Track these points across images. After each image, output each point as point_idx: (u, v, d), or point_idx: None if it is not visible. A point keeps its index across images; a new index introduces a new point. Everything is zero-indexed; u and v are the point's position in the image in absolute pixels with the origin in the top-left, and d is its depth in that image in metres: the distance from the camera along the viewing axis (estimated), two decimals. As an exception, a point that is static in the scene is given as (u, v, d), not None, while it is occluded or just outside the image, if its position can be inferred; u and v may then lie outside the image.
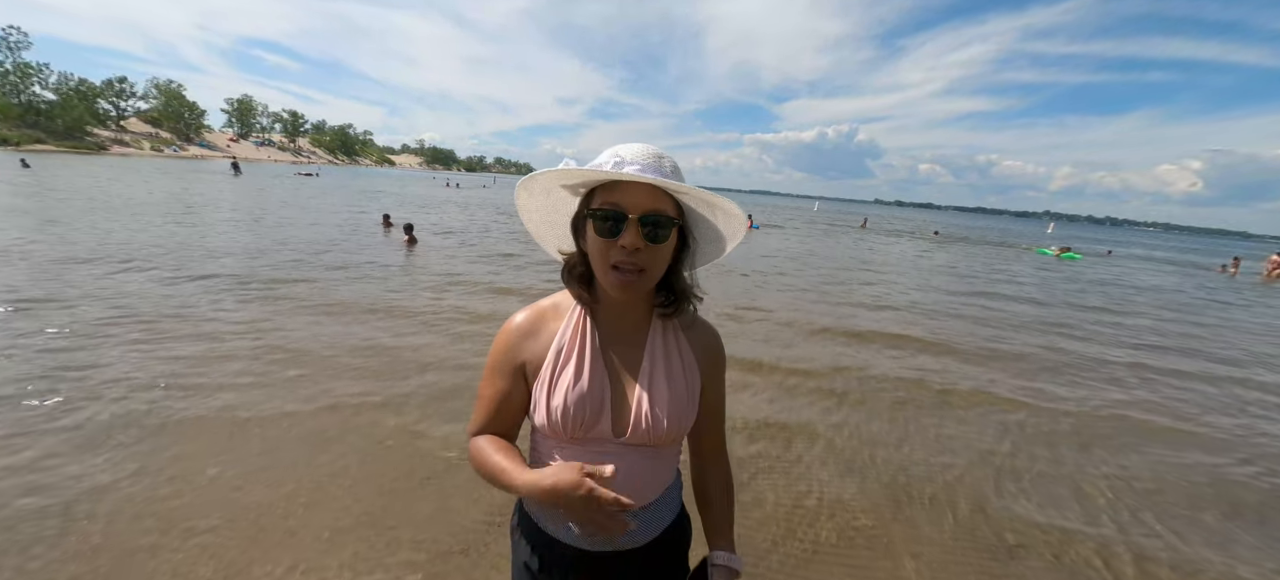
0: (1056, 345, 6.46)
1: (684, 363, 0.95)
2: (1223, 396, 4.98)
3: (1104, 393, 4.82)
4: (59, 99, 68.05)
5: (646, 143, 0.85)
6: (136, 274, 6.31)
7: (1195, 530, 2.80)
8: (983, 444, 3.59)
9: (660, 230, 0.81)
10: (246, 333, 4.57)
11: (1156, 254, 32.74)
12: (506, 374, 0.93)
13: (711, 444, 1.05)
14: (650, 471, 0.93)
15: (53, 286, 5.47)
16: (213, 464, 2.68)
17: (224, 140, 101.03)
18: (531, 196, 0.93)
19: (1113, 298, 11.08)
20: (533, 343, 0.92)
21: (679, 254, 0.90)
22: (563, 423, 0.87)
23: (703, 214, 0.89)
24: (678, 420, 0.91)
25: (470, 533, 2.36)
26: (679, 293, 0.93)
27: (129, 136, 75.63)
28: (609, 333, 0.93)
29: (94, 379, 3.49)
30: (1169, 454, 3.67)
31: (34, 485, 2.41)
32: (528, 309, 0.95)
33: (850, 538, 2.53)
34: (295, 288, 6.28)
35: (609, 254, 0.82)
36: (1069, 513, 2.87)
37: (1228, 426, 4.24)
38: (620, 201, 0.80)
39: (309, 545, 2.21)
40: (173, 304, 5.22)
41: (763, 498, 2.78)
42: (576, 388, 0.88)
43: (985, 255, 19.74)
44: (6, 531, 2.13)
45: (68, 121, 65.28)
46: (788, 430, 3.56)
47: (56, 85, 69.46)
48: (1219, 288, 14.96)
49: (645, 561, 0.95)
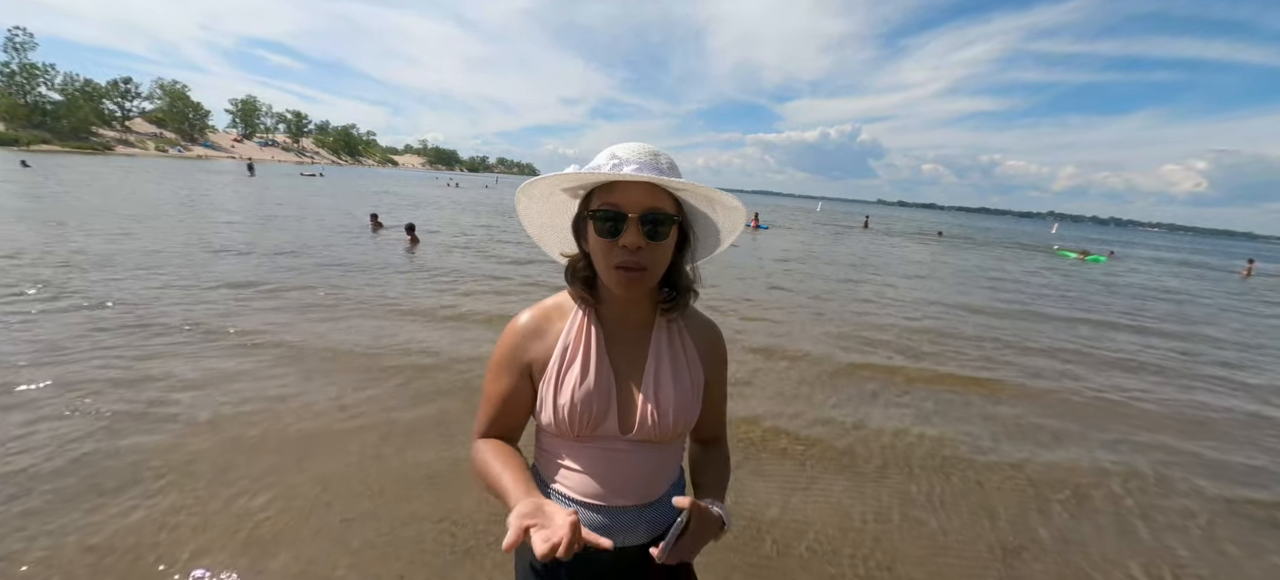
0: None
1: (687, 358, 0.96)
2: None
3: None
4: (65, 99, 68.54)
5: (643, 142, 0.86)
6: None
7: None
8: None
9: (660, 228, 0.82)
10: (255, 332, 4.60)
11: (1168, 255, 31.93)
12: (512, 373, 0.93)
13: (712, 434, 1.07)
14: (655, 467, 0.94)
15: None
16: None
17: (228, 141, 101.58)
18: (532, 201, 0.94)
19: (1224, 323, 9.12)
20: (538, 342, 0.93)
21: (680, 249, 0.91)
22: (569, 421, 0.88)
23: (701, 209, 0.90)
24: (683, 415, 0.92)
25: (476, 534, 2.36)
26: (681, 288, 0.94)
27: (134, 137, 76.11)
28: (613, 331, 0.94)
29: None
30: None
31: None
32: (532, 309, 0.96)
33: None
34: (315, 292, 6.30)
35: (611, 254, 0.83)
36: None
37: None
38: (619, 201, 0.81)
39: (312, 543, 2.21)
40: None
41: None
42: (582, 386, 0.88)
43: (1004, 259, 18.69)
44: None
45: (73, 122, 65.76)
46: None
47: (62, 86, 69.98)
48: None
49: (647, 560, 0.94)
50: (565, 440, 0.93)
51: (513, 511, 0.74)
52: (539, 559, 0.66)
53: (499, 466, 0.87)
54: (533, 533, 0.69)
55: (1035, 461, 3.39)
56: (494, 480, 0.86)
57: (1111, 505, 2.98)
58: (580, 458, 0.92)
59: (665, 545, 0.76)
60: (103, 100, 77.26)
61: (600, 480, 0.91)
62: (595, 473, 0.91)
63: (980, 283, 11.94)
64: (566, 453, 0.93)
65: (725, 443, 1.09)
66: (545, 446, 0.97)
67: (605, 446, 0.91)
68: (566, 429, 0.89)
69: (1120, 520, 2.85)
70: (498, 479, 0.85)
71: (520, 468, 0.88)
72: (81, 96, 71.23)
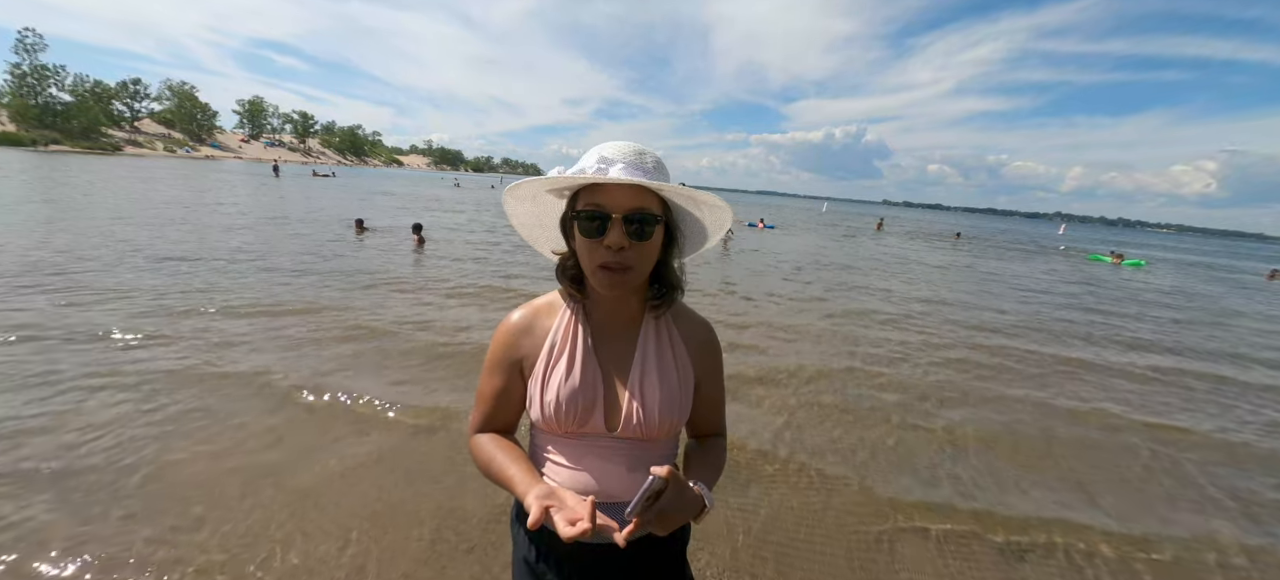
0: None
1: (676, 356, 0.97)
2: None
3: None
4: (75, 100, 69.10)
5: (631, 140, 0.86)
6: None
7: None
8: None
9: (645, 228, 0.83)
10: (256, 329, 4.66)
11: (1188, 257, 30.28)
12: (504, 371, 0.96)
13: (710, 431, 1.07)
14: (645, 465, 0.94)
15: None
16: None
17: (235, 141, 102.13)
18: (519, 203, 0.96)
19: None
20: (528, 339, 0.95)
21: (666, 247, 0.91)
22: (556, 417, 0.91)
23: (687, 207, 0.91)
24: (670, 414, 0.93)
25: (477, 531, 2.40)
26: (669, 285, 0.95)
27: (142, 137, 76.66)
28: (601, 329, 0.96)
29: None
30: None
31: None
32: (524, 307, 0.99)
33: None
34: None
35: (595, 253, 0.84)
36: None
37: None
38: (603, 202, 0.82)
39: (317, 541, 2.25)
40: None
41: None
42: (568, 383, 0.90)
43: (1033, 264, 17.25)
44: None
45: (83, 122, 66.27)
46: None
47: (72, 86, 70.58)
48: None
49: (642, 554, 0.96)
50: (555, 436, 0.95)
51: (530, 494, 0.79)
52: (565, 540, 0.71)
53: (504, 457, 0.91)
54: (553, 512, 0.75)
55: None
56: (499, 469, 0.90)
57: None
58: (570, 454, 0.94)
59: (634, 503, 0.74)
60: (112, 101, 77.81)
61: (589, 476, 0.92)
62: (584, 469, 0.93)
63: (1064, 302, 10.06)
64: (556, 449, 0.95)
65: (723, 440, 1.08)
66: (537, 442, 0.99)
67: (593, 443, 0.93)
68: (554, 425, 0.92)
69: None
70: (503, 468, 0.89)
71: (524, 457, 0.92)
72: (91, 97, 71.73)
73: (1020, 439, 3.75)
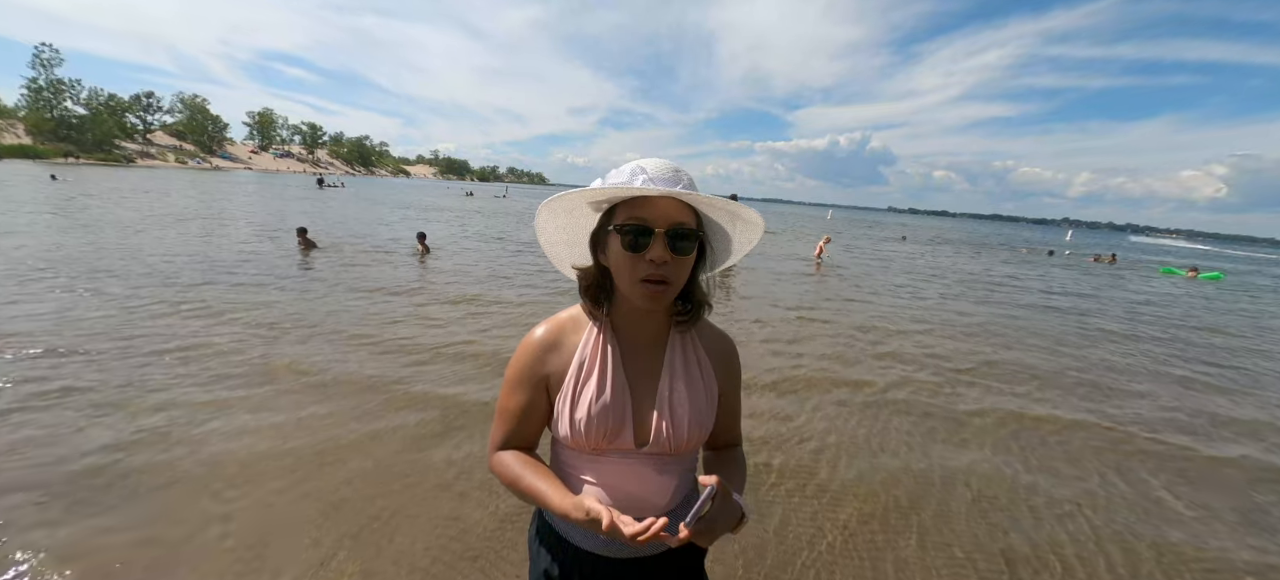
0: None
1: (702, 370, 0.96)
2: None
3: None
4: (89, 113, 70.40)
5: (662, 157, 0.88)
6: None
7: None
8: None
9: (685, 243, 0.84)
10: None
11: (1220, 264, 27.56)
12: (529, 387, 0.94)
13: (728, 441, 1.07)
14: (669, 479, 0.94)
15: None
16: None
17: (245, 152, 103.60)
18: (554, 216, 0.95)
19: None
20: (555, 356, 0.94)
21: (696, 262, 0.92)
22: (586, 434, 0.89)
23: (721, 223, 0.93)
24: (698, 428, 0.93)
25: (483, 540, 2.36)
26: (696, 301, 0.95)
27: (155, 149, 77.94)
28: (628, 345, 0.95)
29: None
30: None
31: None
32: (547, 323, 0.97)
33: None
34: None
35: (637, 267, 0.83)
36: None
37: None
38: (646, 216, 0.82)
39: (320, 548, 2.23)
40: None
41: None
42: (599, 400, 0.89)
43: (1103, 278, 15.21)
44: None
45: (98, 135, 67.48)
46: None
47: (87, 100, 71.93)
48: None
49: (663, 568, 0.96)
50: (580, 453, 0.93)
51: (584, 503, 0.79)
52: (628, 540, 0.74)
53: (531, 474, 0.90)
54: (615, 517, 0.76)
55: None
56: (529, 485, 0.89)
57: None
58: (594, 470, 0.93)
59: (692, 516, 0.75)
60: (125, 113, 79.21)
61: (614, 492, 0.91)
62: (609, 484, 0.92)
63: (1187, 337, 7.74)
64: (581, 465, 0.94)
65: (741, 448, 1.08)
66: (561, 458, 0.98)
67: (619, 459, 0.92)
68: (583, 442, 0.90)
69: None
70: (533, 484, 0.89)
71: (552, 474, 0.92)
72: (105, 111, 73.09)
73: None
